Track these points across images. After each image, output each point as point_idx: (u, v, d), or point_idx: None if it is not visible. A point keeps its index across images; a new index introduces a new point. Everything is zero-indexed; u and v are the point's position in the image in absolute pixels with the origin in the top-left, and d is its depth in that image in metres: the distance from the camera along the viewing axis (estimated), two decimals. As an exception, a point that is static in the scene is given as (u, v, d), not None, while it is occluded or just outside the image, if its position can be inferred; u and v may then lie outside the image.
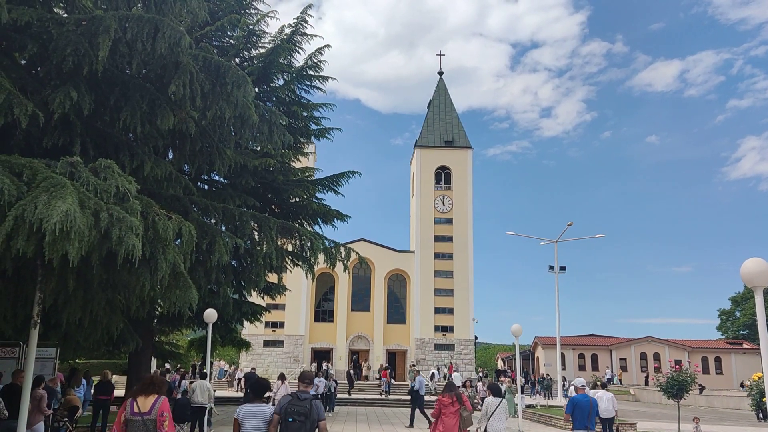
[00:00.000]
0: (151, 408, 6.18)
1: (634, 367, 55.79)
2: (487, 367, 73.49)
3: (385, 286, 53.84)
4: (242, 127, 12.75)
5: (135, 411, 6.18)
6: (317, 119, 24.25)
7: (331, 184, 23.57)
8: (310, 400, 6.94)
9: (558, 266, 38.44)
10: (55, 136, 10.17)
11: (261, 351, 50.76)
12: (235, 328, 28.63)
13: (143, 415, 6.14)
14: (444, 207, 54.89)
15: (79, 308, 9.72)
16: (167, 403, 6.43)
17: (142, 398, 6.24)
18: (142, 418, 6.13)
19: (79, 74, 9.86)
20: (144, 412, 6.17)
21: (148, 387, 6.32)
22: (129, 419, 6.15)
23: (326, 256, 18.72)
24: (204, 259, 13.09)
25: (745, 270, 7.86)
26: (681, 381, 17.42)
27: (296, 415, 6.76)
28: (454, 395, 11.22)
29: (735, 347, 58.99)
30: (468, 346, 52.63)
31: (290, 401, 6.86)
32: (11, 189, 7.15)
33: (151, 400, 6.25)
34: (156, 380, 6.46)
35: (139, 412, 6.16)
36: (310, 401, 6.91)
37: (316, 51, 22.72)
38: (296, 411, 6.78)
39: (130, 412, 6.20)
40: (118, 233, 7.49)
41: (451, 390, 11.43)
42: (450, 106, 59.41)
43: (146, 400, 6.24)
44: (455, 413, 11.06)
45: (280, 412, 6.84)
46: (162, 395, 6.37)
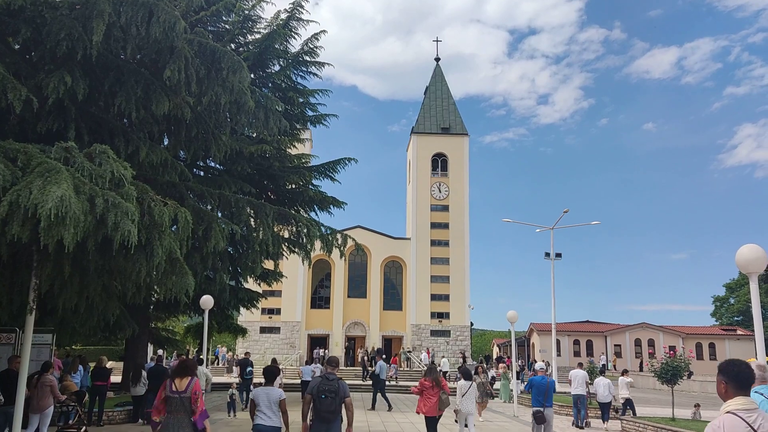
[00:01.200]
0: (186, 387, 7.24)
1: (628, 353, 56.11)
2: (484, 353, 73.87)
3: (381, 272, 53.94)
4: (238, 113, 12.70)
5: (173, 390, 7.25)
6: (313, 105, 24.17)
7: (327, 170, 23.53)
8: (337, 380, 8.10)
9: (554, 253, 38.51)
10: (50, 121, 10.11)
11: (257, 337, 50.89)
12: (231, 314, 28.72)
13: (179, 393, 7.20)
14: (440, 194, 54.89)
15: (75, 294, 9.71)
16: (199, 383, 7.46)
17: (178, 379, 7.30)
18: (178, 395, 7.18)
19: (73, 59, 9.79)
20: (180, 390, 7.22)
21: (183, 370, 7.38)
22: (168, 396, 7.24)
23: (323, 242, 18.72)
24: (200, 246, 13.08)
25: (741, 256, 7.89)
26: (675, 367, 17.53)
27: (327, 393, 7.94)
28: (434, 379, 12.18)
29: (729, 333, 59.39)
30: (464, 333, 52.86)
31: (321, 382, 8.04)
32: (6, 174, 7.12)
33: (186, 381, 7.29)
34: (189, 364, 7.51)
35: (176, 391, 7.21)
36: (337, 381, 8.08)
37: (312, 37, 22.58)
38: (327, 389, 7.96)
39: (168, 390, 7.28)
40: (113, 219, 7.47)
41: (431, 374, 12.43)
42: (447, 92, 59.23)
43: (182, 381, 7.29)
44: (435, 394, 12.03)
45: (312, 392, 8.01)
46: (194, 377, 7.40)
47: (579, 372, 19.26)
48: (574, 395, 18.84)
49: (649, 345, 56.05)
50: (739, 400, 3.91)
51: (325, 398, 7.96)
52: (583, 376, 18.85)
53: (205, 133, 13.21)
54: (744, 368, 4.01)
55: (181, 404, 7.15)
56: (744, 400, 3.91)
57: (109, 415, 16.99)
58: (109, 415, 16.99)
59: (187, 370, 7.42)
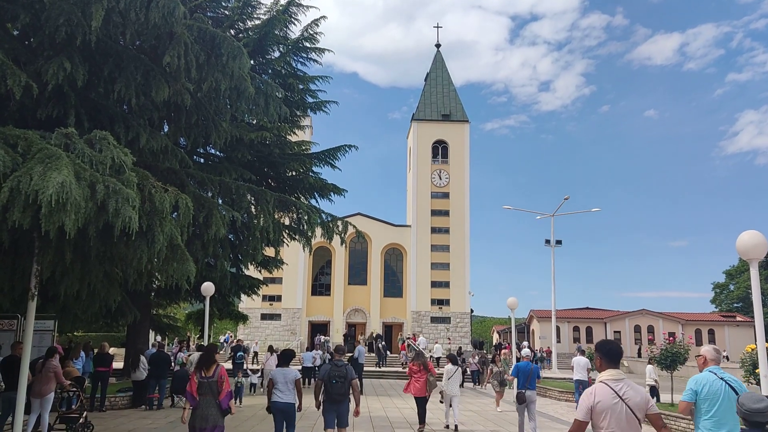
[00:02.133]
0: (213, 373, 8.36)
1: (628, 340, 56.29)
2: (485, 339, 74.10)
3: (381, 259, 54.03)
4: (238, 100, 12.65)
5: (203, 376, 8.36)
6: (313, 92, 24.06)
7: (327, 157, 23.47)
8: (345, 365, 9.48)
9: (554, 240, 38.58)
10: (50, 107, 10.08)
11: (258, 324, 51.06)
12: (232, 301, 28.79)
13: (208, 379, 8.31)
14: (441, 181, 54.83)
15: (76, 280, 9.74)
16: (224, 369, 8.60)
17: (207, 367, 8.43)
18: (207, 380, 8.30)
19: (73, 45, 9.74)
20: (208, 376, 8.33)
21: (209, 359, 8.52)
22: (200, 382, 8.33)
23: (323, 229, 18.72)
24: (201, 233, 13.08)
25: (741, 243, 7.90)
26: (674, 353, 17.61)
27: (337, 378, 9.28)
28: (421, 363, 13.71)
29: (728, 320, 59.57)
30: (464, 319, 53.03)
31: (331, 368, 9.42)
32: (6, 160, 7.11)
33: (213, 368, 8.41)
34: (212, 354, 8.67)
35: (205, 377, 8.32)
36: (345, 366, 9.47)
37: (312, 22, 22.44)
38: (337, 374, 9.33)
39: (199, 376, 8.39)
40: (114, 205, 7.47)
41: (419, 358, 14.05)
42: (447, 79, 58.99)
43: (210, 369, 8.41)
44: (423, 377, 13.45)
45: (324, 377, 9.39)
46: (219, 364, 8.55)
47: (581, 359, 19.91)
48: (576, 381, 19.42)
49: (649, 331, 56.23)
50: (610, 372, 4.76)
51: (336, 383, 9.26)
52: (585, 363, 19.43)
53: (205, 119, 13.17)
54: (614, 347, 4.93)
55: (209, 388, 8.26)
56: (613, 371, 4.76)
57: (111, 400, 17.10)
58: (111, 400, 17.10)
59: (212, 359, 8.54)
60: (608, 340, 5.20)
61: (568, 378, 31.48)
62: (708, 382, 5.86)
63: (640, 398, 4.64)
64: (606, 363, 4.84)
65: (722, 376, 5.88)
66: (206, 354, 8.66)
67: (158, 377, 17.71)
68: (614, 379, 4.70)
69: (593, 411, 4.60)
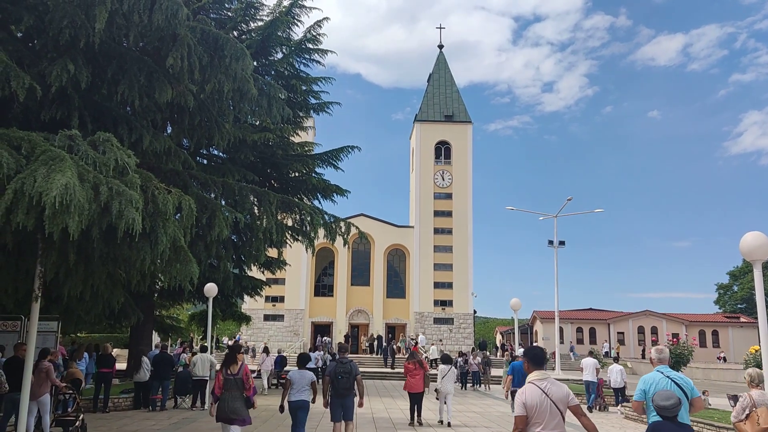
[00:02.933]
0: (238, 371, 9.14)
1: (631, 341, 56.20)
2: (488, 341, 73.97)
3: (384, 260, 54.02)
4: (241, 101, 12.67)
5: (228, 373, 9.13)
6: (316, 93, 24.11)
7: (330, 158, 23.51)
8: (349, 362, 10.46)
9: (557, 241, 38.52)
10: (53, 109, 10.10)
11: (261, 325, 51.10)
12: (235, 302, 28.80)
13: (233, 375, 9.10)
14: (444, 182, 54.82)
15: (80, 282, 9.75)
16: (248, 367, 9.40)
17: (232, 365, 9.21)
18: (233, 377, 9.09)
19: (76, 47, 9.77)
20: (234, 373, 9.12)
21: (234, 358, 9.31)
22: (225, 378, 9.13)
23: (326, 230, 18.75)
24: (204, 234, 13.10)
25: (745, 244, 7.88)
26: (678, 354, 17.61)
27: (342, 374, 10.24)
28: (416, 362, 14.91)
29: (732, 321, 59.41)
30: (467, 320, 53.01)
31: (337, 365, 10.38)
32: (10, 162, 7.12)
33: (237, 366, 9.20)
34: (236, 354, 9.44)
35: (231, 374, 9.11)
36: (349, 363, 10.43)
37: (315, 24, 22.50)
38: (342, 371, 10.27)
39: (225, 374, 9.17)
40: (118, 207, 7.48)
41: (413, 357, 15.28)
42: (450, 80, 58.98)
43: (235, 366, 9.21)
44: (418, 374, 14.65)
45: (331, 374, 10.36)
46: (244, 362, 9.42)
47: (590, 360, 20.31)
48: (585, 381, 19.91)
49: (652, 332, 56.10)
50: (536, 373, 5.59)
51: (341, 378, 10.21)
52: (593, 364, 19.84)
53: (208, 121, 13.19)
54: (539, 352, 5.77)
55: (235, 383, 9.10)
56: (539, 373, 5.59)
57: (114, 401, 17.12)
58: (114, 401, 17.12)
59: (236, 359, 9.33)
60: (534, 346, 6.02)
61: (572, 379, 31.48)
62: (654, 381, 6.43)
63: (562, 393, 5.49)
64: (533, 366, 5.65)
65: (668, 375, 6.45)
66: (231, 353, 9.46)
67: (161, 378, 17.73)
68: (540, 379, 5.52)
69: (526, 406, 5.43)
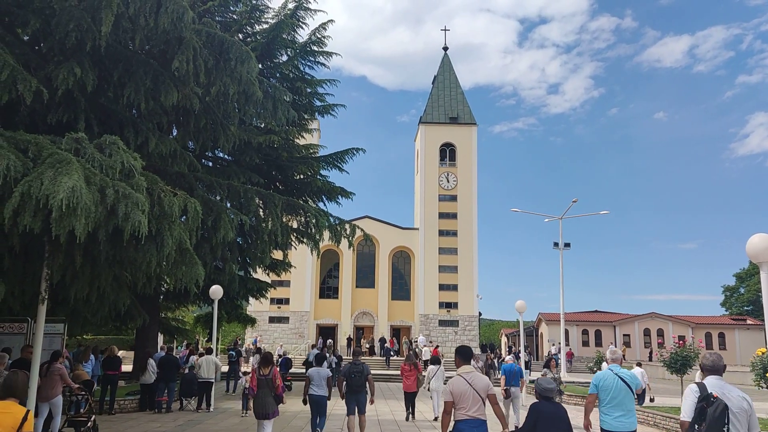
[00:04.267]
0: (269, 372, 10.54)
1: (637, 343, 55.98)
2: (495, 342, 73.91)
3: (389, 262, 54.00)
4: (246, 104, 12.70)
5: (262, 374, 10.54)
6: (321, 95, 24.12)
7: (335, 161, 23.51)
8: (362, 363, 11.98)
9: (562, 243, 38.42)
10: (60, 112, 10.14)
11: (266, 327, 51.12)
12: (240, 304, 28.83)
13: (265, 376, 10.50)
14: (448, 184, 54.78)
15: (86, 284, 9.78)
16: (277, 369, 10.94)
17: (263, 368, 10.62)
18: (264, 377, 10.50)
19: (82, 50, 9.80)
20: (265, 374, 10.51)
21: (265, 362, 10.74)
22: (259, 378, 10.53)
23: (331, 233, 18.76)
24: (209, 236, 13.14)
25: (751, 245, 7.84)
26: (684, 356, 17.51)
27: (356, 373, 11.72)
28: (411, 364, 16.45)
29: (739, 323, 59.14)
30: (472, 323, 52.91)
31: (351, 366, 11.90)
32: (17, 165, 7.15)
33: (269, 368, 10.60)
34: (269, 358, 10.93)
35: (263, 375, 10.51)
36: (362, 364, 11.93)
37: (320, 26, 22.51)
38: (356, 371, 11.76)
39: (258, 374, 10.60)
40: (124, 209, 7.50)
41: (408, 360, 16.83)
42: (455, 82, 58.96)
43: (266, 368, 10.60)
44: (412, 375, 16.16)
45: (345, 373, 11.87)
46: (273, 366, 10.82)
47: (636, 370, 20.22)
48: None
49: (659, 335, 55.89)
50: (464, 368, 6.96)
51: (355, 377, 11.71)
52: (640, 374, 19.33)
53: (214, 123, 13.22)
54: (467, 350, 7.21)
55: (266, 383, 10.51)
56: (466, 367, 6.97)
57: (120, 403, 17.15)
58: (120, 403, 17.15)
59: (269, 362, 10.79)
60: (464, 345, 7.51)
61: (577, 381, 31.45)
62: (604, 378, 7.63)
63: (483, 384, 6.86)
64: (461, 361, 7.09)
65: (617, 372, 7.61)
66: (264, 358, 10.94)
67: (167, 380, 17.75)
68: (466, 372, 6.92)
69: (453, 394, 6.80)
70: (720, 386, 5.49)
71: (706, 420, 5.26)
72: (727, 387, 5.52)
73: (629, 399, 7.49)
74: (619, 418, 7.48)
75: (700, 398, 5.42)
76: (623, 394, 7.50)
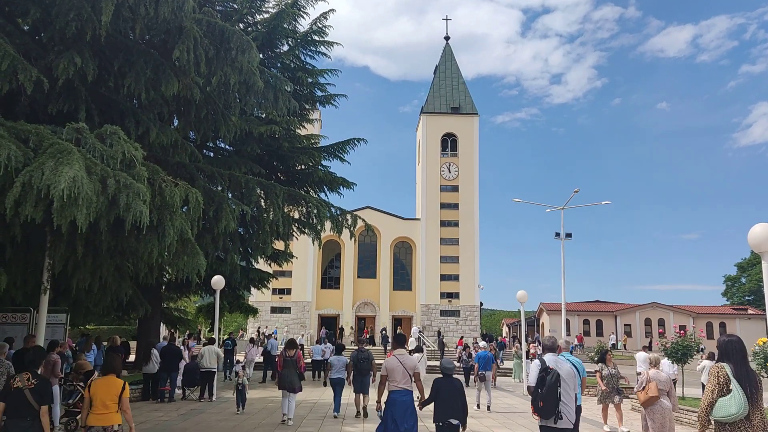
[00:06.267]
0: (293, 354, 13.37)
1: (638, 333, 56.12)
2: (494, 333, 74.10)
3: (391, 253, 54.06)
4: (247, 94, 12.66)
5: (288, 356, 13.35)
6: (322, 85, 24.05)
7: (336, 151, 23.47)
8: (368, 351, 14.71)
9: (564, 233, 38.38)
10: (60, 102, 10.12)
11: (268, 317, 51.28)
12: (242, 294, 28.87)
13: (291, 357, 13.32)
14: (450, 174, 54.72)
15: (88, 274, 9.80)
16: (301, 352, 13.83)
17: (289, 350, 13.41)
18: (290, 358, 13.31)
19: (83, 40, 9.76)
20: (291, 356, 13.34)
21: (291, 346, 13.59)
22: (285, 359, 13.34)
23: (332, 223, 18.72)
24: (211, 226, 13.13)
25: (753, 235, 7.82)
26: (685, 346, 17.51)
27: (363, 359, 14.37)
28: None
29: (740, 313, 59.23)
30: (473, 313, 53.03)
31: (358, 353, 14.54)
32: (18, 155, 7.15)
33: (293, 351, 13.42)
34: (294, 342, 13.85)
35: (289, 357, 13.34)
36: (367, 352, 14.70)
37: (321, 16, 22.40)
38: (363, 357, 14.42)
39: (285, 356, 13.40)
40: (125, 200, 7.50)
41: None
42: (456, 72, 58.76)
43: (291, 351, 13.39)
44: None
45: (354, 359, 14.37)
46: (297, 349, 13.61)
47: (642, 354, 20.67)
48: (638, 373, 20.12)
49: (660, 325, 56.00)
50: (397, 350, 8.80)
51: (362, 362, 14.32)
52: (645, 357, 19.38)
53: (215, 113, 13.18)
54: (401, 337, 9.24)
55: (292, 363, 13.28)
56: (400, 350, 8.82)
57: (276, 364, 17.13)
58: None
59: (294, 345, 13.66)
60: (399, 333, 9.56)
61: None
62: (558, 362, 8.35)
63: (412, 363, 8.59)
64: (397, 345, 9.02)
65: (568, 359, 8.40)
66: (290, 342, 13.74)
67: (169, 370, 17.83)
68: (400, 354, 8.69)
69: (387, 369, 8.50)
70: (555, 360, 7.24)
71: (545, 385, 6.94)
72: (560, 361, 7.30)
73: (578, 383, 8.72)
74: None
75: (540, 370, 7.07)
76: None
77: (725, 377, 5.91)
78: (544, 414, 7.01)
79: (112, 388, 6.82)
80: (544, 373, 7.04)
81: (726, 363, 6.02)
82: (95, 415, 6.70)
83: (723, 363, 6.05)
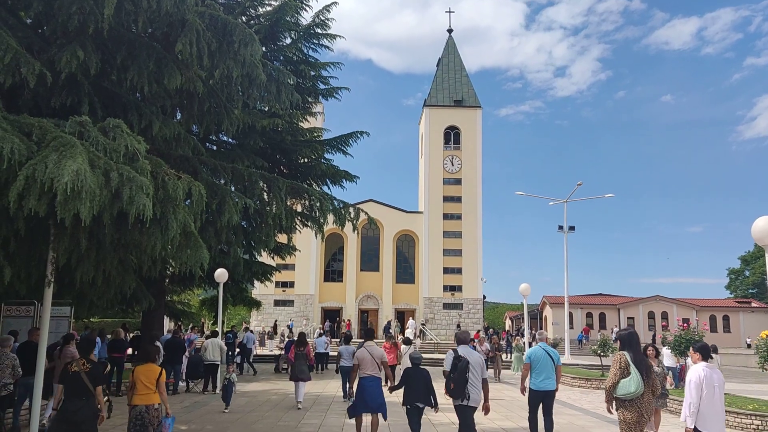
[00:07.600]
0: (304, 348, 15.10)
1: (641, 326, 56.10)
2: (496, 326, 74.18)
3: (393, 246, 54.09)
4: (250, 87, 12.64)
5: (299, 350, 15.04)
6: (325, 78, 23.98)
7: (339, 144, 23.43)
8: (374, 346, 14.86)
9: (567, 226, 38.39)
10: (63, 95, 10.12)
11: (272, 310, 51.42)
12: (245, 287, 28.92)
13: (301, 350, 15.05)
14: (453, 167, 54.66)
15: (92, 267, 9.81)
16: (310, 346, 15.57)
17: (300, 346, 15.14)
18: (301, 351, 15.03)
19: (85, 33, 9.75)
20: (301, 349, 15.05)
21: (303, 340, 15.38)
22: (296, 352, 15.07)
23: (335, 216, 18.69)
24: (214, 220, 13.14)
25: (756, 228, 7.82)
26: (688, 339, 17.53)
27: None
28: (392, 343, 19.71)
29: (743, 306, 59.16)
30: (476, 306, 53.08)
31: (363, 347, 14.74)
32: (21, 148, 7.16)
33: (304, 346, 15.10)
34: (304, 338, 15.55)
35: (300, 350, 15.04)
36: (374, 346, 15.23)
37: (324, 9, 22.32)
38: None
39: (297, 349, 15.09)
40: (128, 193, 7.51)
41: (389, 339, 20.59)
42: (460, 64, 58.59)
43: (302, 346, 15.12)
44: (393, 351, 18.95)
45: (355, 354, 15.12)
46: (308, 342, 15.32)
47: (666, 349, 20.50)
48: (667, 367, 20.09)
49: (663, 318, 56.02)
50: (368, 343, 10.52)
51: None
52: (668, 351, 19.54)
53: (218, 107, 13.17)
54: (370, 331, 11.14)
55: (303, 356, 14.96)
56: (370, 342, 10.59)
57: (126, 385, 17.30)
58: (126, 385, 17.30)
59: (305, 341, 15.44)
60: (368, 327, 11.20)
61: (581, 364, 31.58)
62: (535, 352, 10.43)
63: (379, 353, 10.29)
64: (367, 338, 10.76)
65: (545, 348, 10.35)
66: (300, 336, 15.50)
67: (173, 363, 17.90)
68: (369, 345, 10.41)
69: (358, 359, 10.17)
70: (467, 351, 8.86)
71: (457, 370, 8.53)
72: (470, 351, 8.90)
73: (551, 368, 10.20)
74: (543, 380, 10.15)
75: (454, 358, 8.70)
76: (547, 364, 10.21)
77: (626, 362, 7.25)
78: (455, 394, 8.60)
79: (151, 373, 8.12)
80: (456, 360, 8.64)
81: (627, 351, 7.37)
82: (138, 395, 7.99)
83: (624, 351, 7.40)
